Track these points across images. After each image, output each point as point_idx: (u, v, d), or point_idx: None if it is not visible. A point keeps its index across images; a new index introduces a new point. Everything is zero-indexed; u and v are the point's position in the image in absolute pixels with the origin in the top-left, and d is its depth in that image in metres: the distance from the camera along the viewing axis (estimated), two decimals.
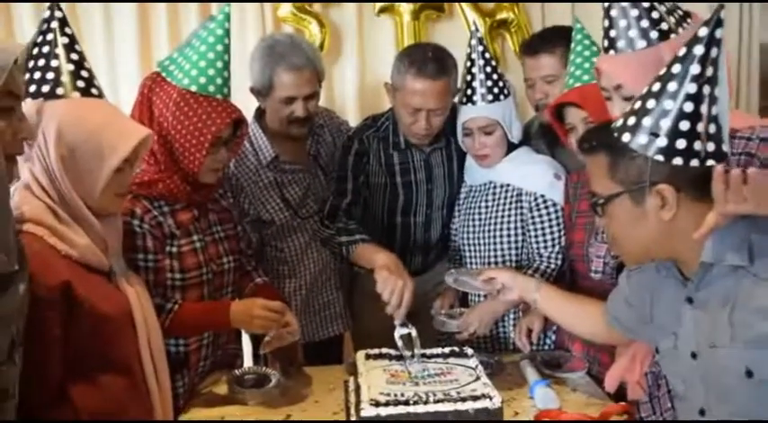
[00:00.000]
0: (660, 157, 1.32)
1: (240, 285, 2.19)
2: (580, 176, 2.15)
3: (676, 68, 1.31)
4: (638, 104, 1.37)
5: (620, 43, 1.65)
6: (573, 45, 2.11)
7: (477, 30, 2.36)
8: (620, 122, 1.39)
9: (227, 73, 1.98)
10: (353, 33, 3.14)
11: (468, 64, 2.30)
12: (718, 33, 1.29)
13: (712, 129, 1.31)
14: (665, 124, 1.31)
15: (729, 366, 1.34)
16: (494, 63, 2.32)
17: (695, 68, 1.29)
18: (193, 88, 1.92)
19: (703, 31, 1.29)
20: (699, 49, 1.29)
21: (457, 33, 3.10)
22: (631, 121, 1.36)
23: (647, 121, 1.33)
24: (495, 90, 2.27)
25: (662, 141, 1.31)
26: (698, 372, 1.42)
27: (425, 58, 2.27)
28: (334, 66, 3.14)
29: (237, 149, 2.14)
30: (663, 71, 1.34)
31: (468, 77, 2.29)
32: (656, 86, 1.34)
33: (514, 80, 2.53)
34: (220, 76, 1.96)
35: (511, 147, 2.35)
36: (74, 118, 1.58)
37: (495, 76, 2.28)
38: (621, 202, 1.39)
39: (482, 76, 2.27)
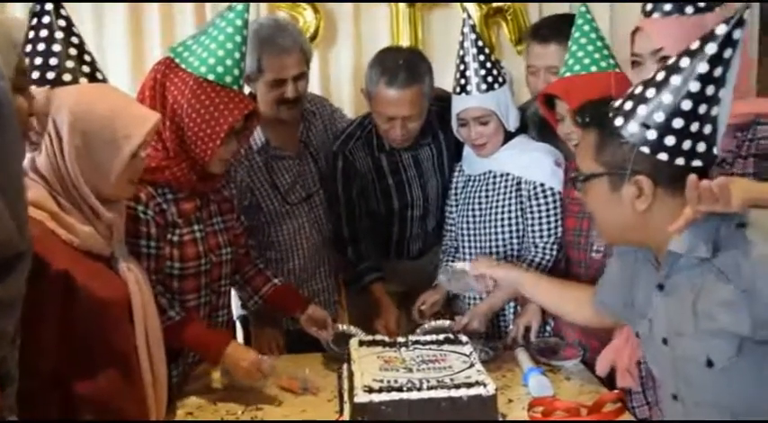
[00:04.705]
0: (646, 150, 1.30)
1: (255, 285, 2.24)
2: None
3: (684, 62, 1.28)
4: (638, 89, 1.34)
5: (667, 6, 1.63)
6: (573, 31, 2.05)
7: (469, 17, 2.30)
8: (617, 103, 1.37)
9: (244, 64, 1.96)
10: (349, 20, 3.11)
11: (461, 53, 2.25)
12: (737, 34, 1.24)
13: (708, 129, 1.29)
14: (659, 118, 1.29)
15: (692, 355, 1.35)
16: (487, 51, 2.26)
17: (703, 67, 1.26)
18: (210, 77, 1.89)
19: (721, 29, 1.24)
20: (711, 48, 1.25)
21: (453, 20, 3.07)
22: (628, 105, 1.34)
23: (642, 110, 1.31)
24: (490, 79, 2.23)
25: (651, 134, 1.29)
26: (668, 357, 1.43)
27: (396, 67, 2.26)
28: (329, 52, 3.11)
29: (247, 140, 2.14)
30: (671, 61, 1.31)
31: (462, 66, 2.25)
32: (661, 75, 1.31)
33: (510, 68, 2.50)
34: (237, 68, 1.93)
35: (509, 134, 2.31)
36: (85, 106, 1.54)
37: (488, 65, 2.23)
38: (599, 184, 1.38)
39: (475, 64, 2.22)
